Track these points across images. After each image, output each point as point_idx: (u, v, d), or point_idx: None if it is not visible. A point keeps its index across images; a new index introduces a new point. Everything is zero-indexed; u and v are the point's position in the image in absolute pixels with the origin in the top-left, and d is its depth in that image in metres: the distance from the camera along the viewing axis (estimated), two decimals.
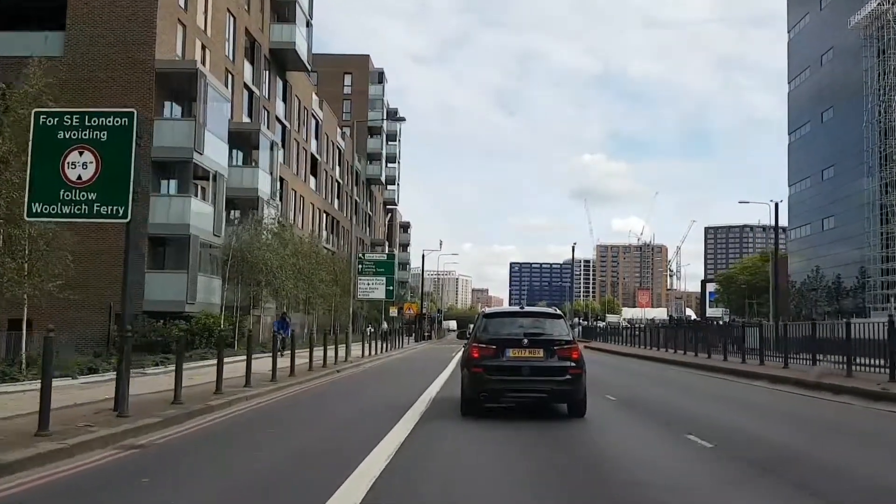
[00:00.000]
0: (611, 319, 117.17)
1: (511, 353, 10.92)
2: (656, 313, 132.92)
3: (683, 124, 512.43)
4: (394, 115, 76.15)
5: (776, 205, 49.21)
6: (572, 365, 10.86)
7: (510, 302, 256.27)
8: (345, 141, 62.92)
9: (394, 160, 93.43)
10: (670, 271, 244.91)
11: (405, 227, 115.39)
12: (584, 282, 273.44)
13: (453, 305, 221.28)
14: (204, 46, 32.97)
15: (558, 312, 12.52)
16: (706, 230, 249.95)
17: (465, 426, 10.43)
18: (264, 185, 35.67)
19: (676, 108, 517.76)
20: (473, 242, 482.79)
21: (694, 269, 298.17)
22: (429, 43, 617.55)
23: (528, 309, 13.48)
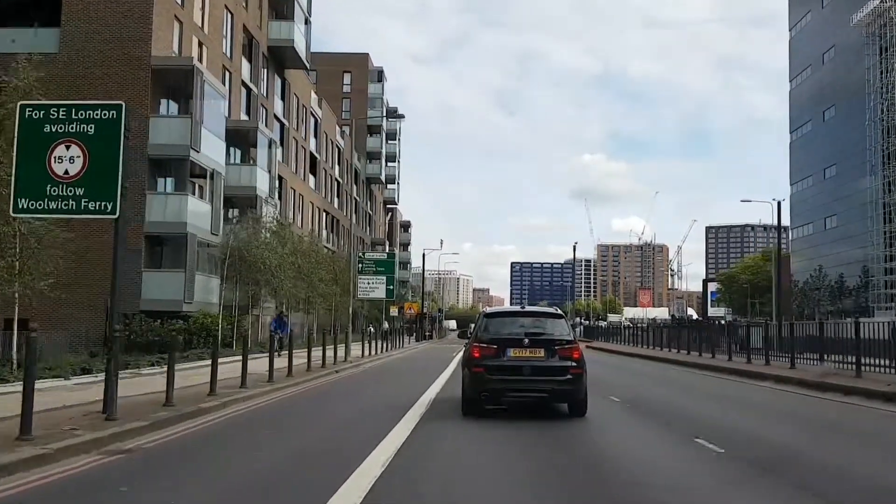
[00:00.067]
0: (612, 319, 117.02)
1: (512, 352, 10.89)
2: (658, 313, 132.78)
3: (683, 124, 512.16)
4: (393, 113, 75.74)
5: (778, 204, 48.87)
6: (573, 365, 10.84)
7: (511, 301, 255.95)
8: (344, 140, 62.59)
9: (394, 159, 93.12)
10: (671, 271, 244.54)
11: (405, 226, 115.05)
12: (585, 281, 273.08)
13: (454, 305, 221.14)
14: (201, 43, 32.64)
15: (559, 312, 12.48)
16: (707, 230, 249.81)
17: (466, 426, 10.36)
18: (262, 184, 35.33)
19: (676, 108, 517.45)
20: (473, 242, 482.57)
21: (695, 269, 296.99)
22: (429, 43, 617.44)
23: (529, 309, 13.44)
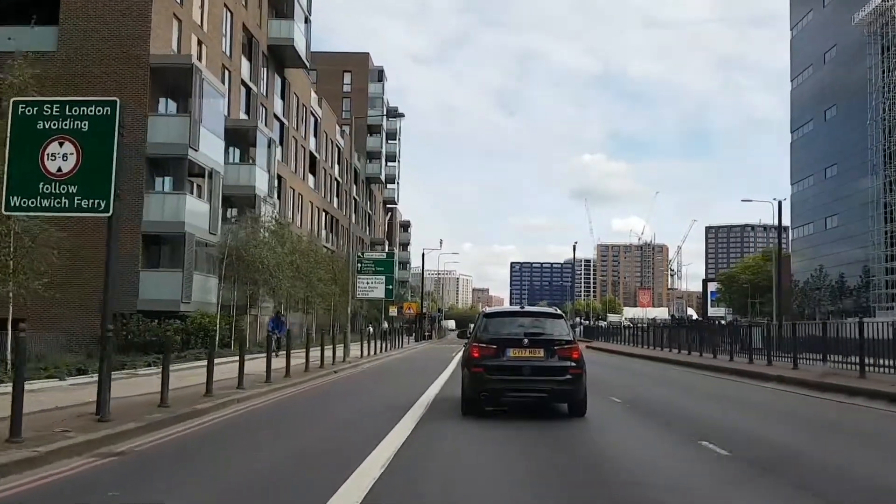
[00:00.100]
0: (612, 319, 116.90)
1: (511, 352, 10.90)
2: (657, 313, 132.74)
3: (683, 124, 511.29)
4: (393, 113, 75.55)
5: (779, 203, 48.51)
6: (573, 365, 10.85)
7: (511, 301, 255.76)
8: (344, 139, 62.39)
9: (393, 159, 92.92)
10: (671, 271, 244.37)
11: (405, 226, 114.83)
12: (585, 281, 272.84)
13: (454, 305, 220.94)
14: (200, 42, 32.45)
15: (559, 312, 12.49)
16: (707, 230, 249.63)
17: (466, 426, 10.32)
18: (261, 183, 35.13)
19: (676, 108, 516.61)
20: (473, 242, 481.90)
21: (695, 269, 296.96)
22: (429, 43, 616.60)
23: (529, 309, 13.46)
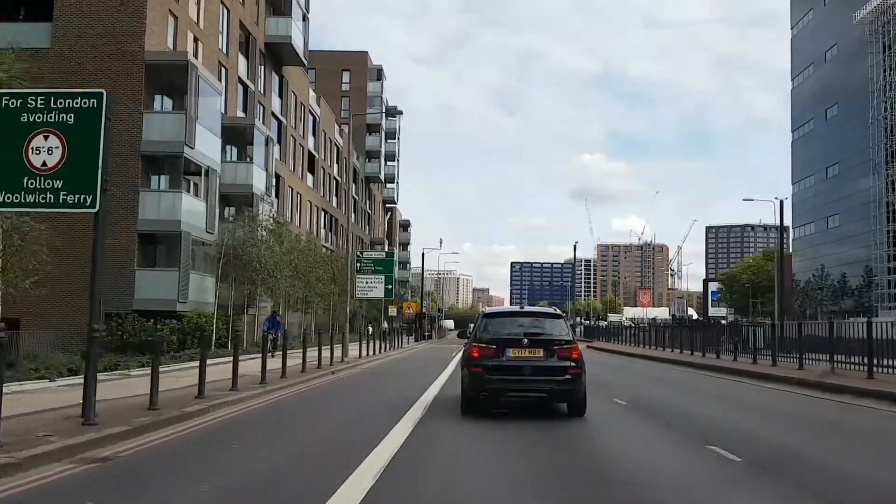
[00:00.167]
0: (612, 319, 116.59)
1: (511, 352, 10.89)
2: (658, 313, 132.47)
3: (683, 124, 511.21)
4: (393, 111, 75.20)
5: (781, 203, 48.03)
6: (572, 365, 10.84)
7: (511, 301, 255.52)
8: (343, 138, 62.05)
9: (393, 158, 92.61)
10: (671, 271, 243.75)
11: (405, 225, 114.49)
12: (585, 281, 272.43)
13: (454, 305, 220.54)
14: (196, 39, 32.09)
15: (558, 312, 12.50)
16: (707, 229, 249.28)
17: (465, 426, 10.27)
18: (259, 182, 34.77)
19: (676, 108, 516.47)
20: (473, 242, 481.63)
21: (695, 269, 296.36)
22: (429, 43, 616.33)
23: (528, 309, 13.49)
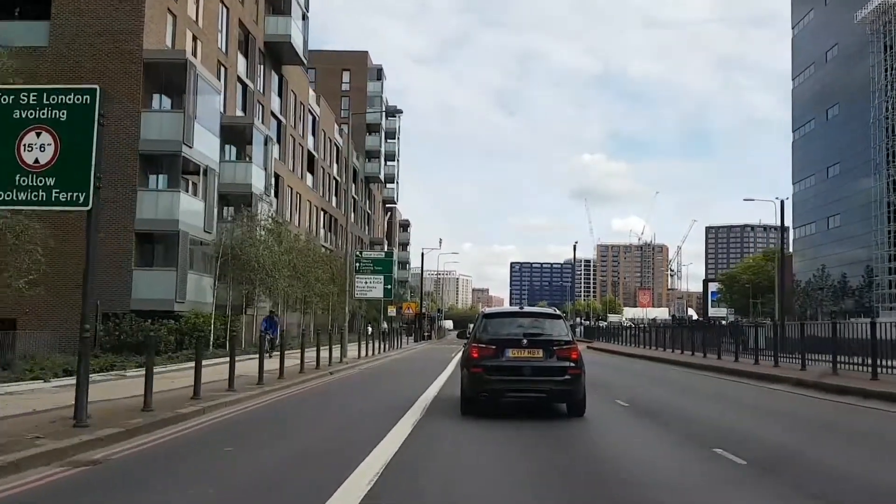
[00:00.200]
0: (612, 319, 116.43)
1: (510, 353, 10.90)
2: (657, 313, 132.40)
3: (683, 124, 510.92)
4: (393, 111, 74.93)
5: (782, 203, 47.75)
6: (571, 365, 10.85)
7: (511, 302, 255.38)
8: (343, 138, 61.88)
9: (393, 158, 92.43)
10: (671, 271, 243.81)
11: (405, 225, 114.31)
12: (585, 282, 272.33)
13: (454, 305, 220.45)
14: (195, 38, 31.93)
15: (558, 313, 12.57)
16: (707, 230, 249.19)
17: (465, 426, 10.24)
18: (258, 181, 34.60)
19: (676, 108, 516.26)
20: (473, 242, 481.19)
21: (695, 269, 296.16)
22: (429, 43, 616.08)
23: (528, 309, 13.48)
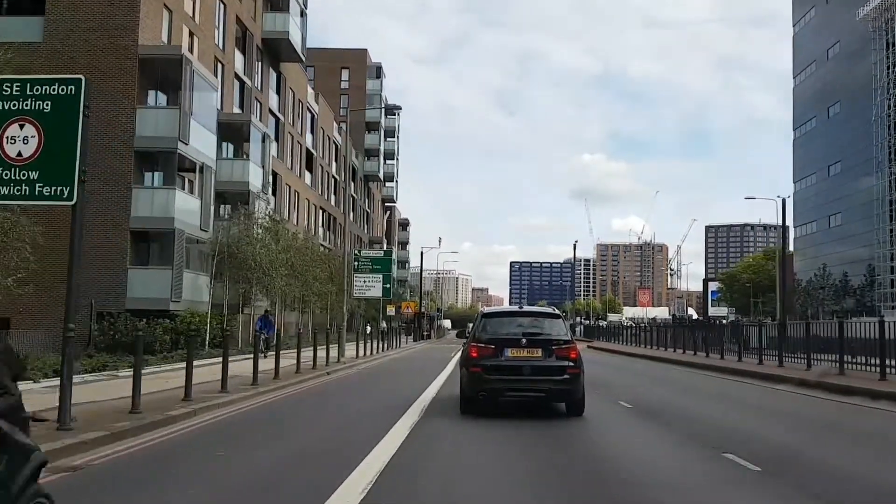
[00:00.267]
0: (612, 319, 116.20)
1: (510, 352, 10.90)
2: (657, 312, 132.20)
3: (683, 124, 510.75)
4: (391, 108, 74.52)
5: (783, 201, 47.42)
6: (570, 364, 10.83)
7: (510, 301, 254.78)
8: (342, 136, 61.51)
9: (392, 157, 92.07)
10: (671, 270, 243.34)
11: (404, 224, 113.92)
12: (585, 281, 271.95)
13: (453, 304, 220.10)
14: (192, 34, 31.57)
15: (557, 312, 12.58)
16: (707, 229, 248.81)
17: (465, 426, 10.21)
18: (255, 179, 34.22)
19: (676, 108, 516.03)
20: (473, 242, 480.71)
21: (694, 269, 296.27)
22: (429, 43, 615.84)
23: (527, 309, 13.50)
